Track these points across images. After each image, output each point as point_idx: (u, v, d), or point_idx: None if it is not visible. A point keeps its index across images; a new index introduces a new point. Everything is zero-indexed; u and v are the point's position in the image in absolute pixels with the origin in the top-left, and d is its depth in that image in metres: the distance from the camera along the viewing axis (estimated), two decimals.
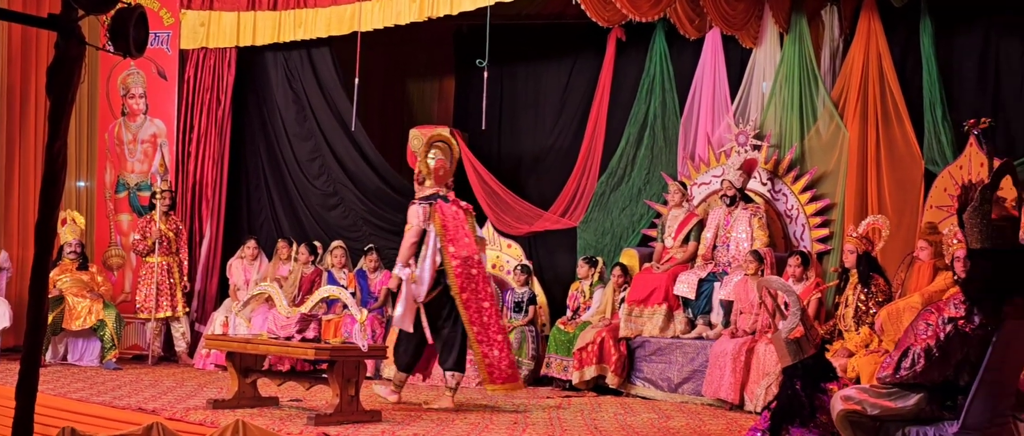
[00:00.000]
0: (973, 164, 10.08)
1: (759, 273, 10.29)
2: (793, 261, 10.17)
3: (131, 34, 3.84)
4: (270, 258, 12.75)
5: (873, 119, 11.10)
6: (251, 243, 12.92)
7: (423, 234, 9.25)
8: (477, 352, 9.18)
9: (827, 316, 10.01)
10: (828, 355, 7.47)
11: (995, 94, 10.99)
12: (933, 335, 5.11)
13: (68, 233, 12.51)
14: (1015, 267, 5.18)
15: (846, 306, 9.57)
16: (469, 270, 9.20)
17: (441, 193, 9.44)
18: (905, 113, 10.96)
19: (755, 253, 10.47)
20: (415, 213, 9.30)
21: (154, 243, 12.65)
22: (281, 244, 12.64)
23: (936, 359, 5.08)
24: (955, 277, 8.60)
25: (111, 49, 3.92)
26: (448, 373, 9.35)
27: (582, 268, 11.92)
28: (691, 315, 11.01)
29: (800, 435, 6.08)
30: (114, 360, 12.04)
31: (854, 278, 9.61)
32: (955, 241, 8.77)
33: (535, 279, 12.42)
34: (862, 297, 9.47)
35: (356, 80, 12.09)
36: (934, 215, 10.23)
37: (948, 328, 5.08)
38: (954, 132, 10.69)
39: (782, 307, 7.02)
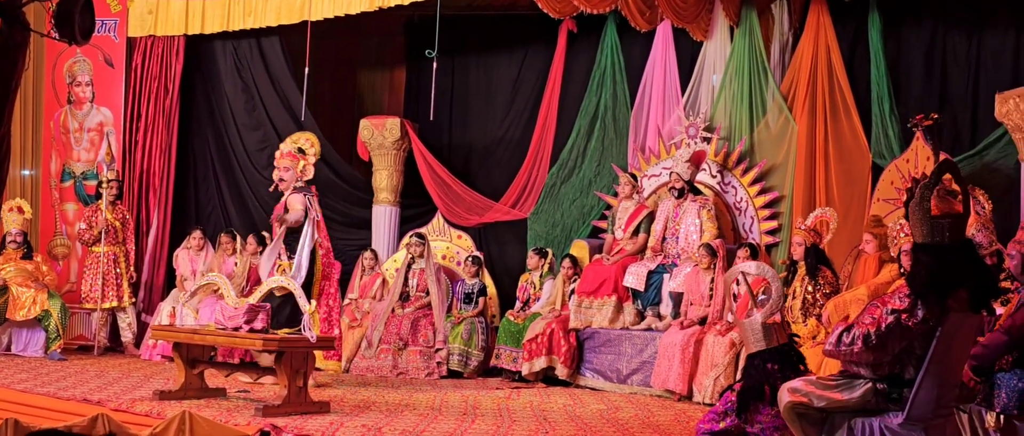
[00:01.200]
0: (919, 158, 10.16)
1: (712, 267, 10.35)
2: (742, 253, 10.21)
3: (77, 21, 3.81)
4: (217, 248, 12.67)
5: (822, 112, 11.17)
6: (197, 233, 12.83)
7: (302, 224, 9.56)
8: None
9: None
10: None
11: (942, 89, 11.08)
12: (874, 323, 5.16)
13: (12, 222, 12.36)
14: (958, 262, 5.24)
15: (794, 298, 9.63)
16: (330, 260, 9.84)
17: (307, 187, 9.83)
18: (853, 106, 11.04)
19: (708, 247, 10.51)
20: (300, 201, 9.54)
21: (100, 233, 12.53)
22: (224, 238, 12.54)
23: (872, 345, 5.14)
24: (901, 270, 8.67)
25: (57, 36, 3.88)
26: None
27: (532, 259, 11.94)
28: (640, 307, 11.05)
29: (768, 414, 6.11)
30: (59, 351, 11.91)
31: (802, 270, 9.67)
32: (903, 234, 8.84)
33: (485, 270, 12.42)
34: (809, 289, 9.54)
35: (306, 70, 11.98)
36: (880, 208, 10.31)
37: (889, 319, 5.14)
38: (901, 126, 10.78)
39: (753, 295, 7.12)
